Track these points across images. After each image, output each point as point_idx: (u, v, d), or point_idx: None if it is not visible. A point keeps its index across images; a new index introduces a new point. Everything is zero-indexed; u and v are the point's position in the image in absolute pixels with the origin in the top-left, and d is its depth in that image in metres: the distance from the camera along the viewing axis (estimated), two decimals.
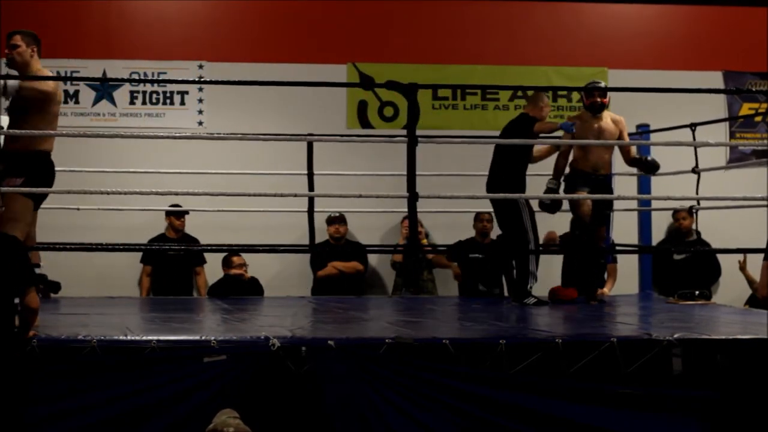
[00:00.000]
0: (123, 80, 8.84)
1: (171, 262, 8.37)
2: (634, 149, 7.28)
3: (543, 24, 9.44)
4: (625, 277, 8.38)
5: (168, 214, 8.35)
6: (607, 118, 7.14)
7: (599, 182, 7.08)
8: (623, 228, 7.85)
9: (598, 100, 7.05)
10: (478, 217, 8.30)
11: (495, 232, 8.28)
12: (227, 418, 4.12)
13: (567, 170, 7.22)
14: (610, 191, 7.26)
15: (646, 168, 7.20)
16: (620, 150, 7.28)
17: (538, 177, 7.33)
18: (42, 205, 5.44)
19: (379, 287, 9.04)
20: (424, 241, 8.36)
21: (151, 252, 8.48)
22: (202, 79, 9.05)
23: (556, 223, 8.12)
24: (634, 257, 8.19)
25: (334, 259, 8.28)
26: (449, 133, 8.93)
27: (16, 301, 4.49)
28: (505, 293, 8.08)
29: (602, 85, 7.29)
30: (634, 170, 8.03)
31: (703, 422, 4.82)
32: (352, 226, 8.61)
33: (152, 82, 8.88)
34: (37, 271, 5.26)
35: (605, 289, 8.21)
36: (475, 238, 8.35)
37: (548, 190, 7.12)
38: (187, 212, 8.36)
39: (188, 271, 8.54)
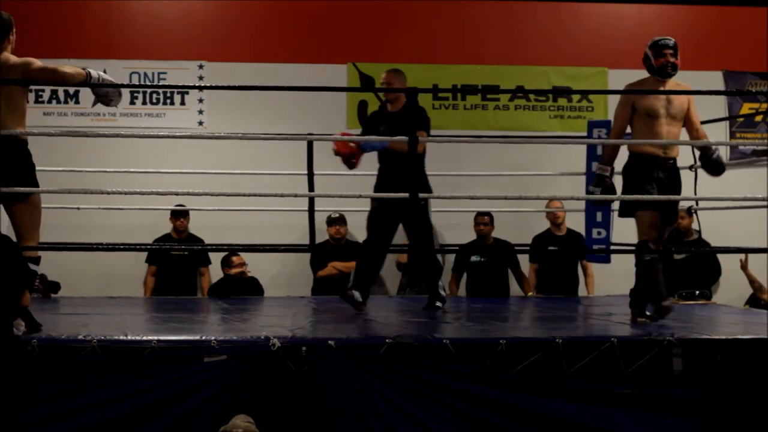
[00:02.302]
0: (123, 86, 8.81)
1: (175, 262, 8.38)
2: (702, 130, 5.96)
3: (543, 24, 9.44)
4: (626, 277, 8.37)
5: (170, 214, 8.37)
6: (675, 87, 5.83)
7: (671, 170, 5.77)
8: (623, 228, 7.83)
9: (671, 60, 5.74)
10: (475, 219, 8.27)
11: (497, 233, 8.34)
12: (239, 420, 4.13)
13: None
14: (679, 181, 5.90)
15: (710, 166, 5.86)
16: (687, 129, 5.94)
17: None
18: (43, 205, 5.42)
19: (380, 287, 9.04)
20: None
21: (156, 252, 8.48)
22: (202, 79, 9.04)
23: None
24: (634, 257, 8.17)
25: (334, 259, 8.28)
26: (449, 133, 8.93)
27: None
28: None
29: (672, 42, 5.80)
30: None
31: (703, 422, 4.83)
32: (352, 226, 8.60)
33: (150, 87, 8.90)
34: (35, 269, 5.22)
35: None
36: (476, 240, 8.34)
37: (597, 178, 5.85)
38: (186, 213, 8.36)
39: (192, 272, 8.55)
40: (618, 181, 5.98)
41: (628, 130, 5.94)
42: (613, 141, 5.94)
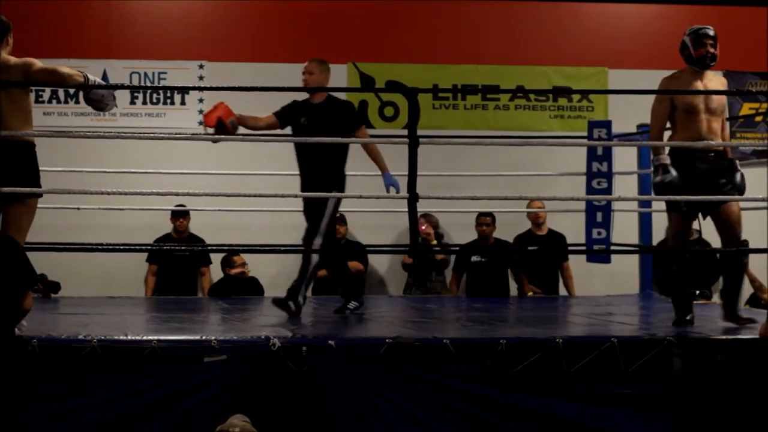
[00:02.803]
0: (120, 87, 8.83)
1: (176, 262, 8.38)
2: (728, 131, 5.75)
3: (543, 24, 9.44)
4: (625, 277, 8.39)
5: (171, 214, 8.38)
6: (712, 78, 5.59)
7: (711, 164, 5.50)
8: (623, 228, 7.85)
9: (711, 50, 5.50)
10: (477, 219, 8.27)
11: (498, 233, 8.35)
12: (235, 420, 4.13)
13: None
14: (725, 175, 5.59)
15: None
16: None
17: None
18: (43, 205, 5.41)
19: (381, 287, 9.04)
20: (433, 242, 8.34)
21: (156, 252, 8.48)
22: (202, 79, 9.04)
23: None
24: (634, 257, 8.19)
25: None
26: (449, 133, 8.93)
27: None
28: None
29: (713, 32, 5.57)
30: (633, 168, 8.03)
31: (703, 422, 4.83)
32: (353, 226, 8.61)
33: (149, 88, 8.90)
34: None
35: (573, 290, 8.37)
36: (477, 240, 8.33)
37: (660, 169, 5.43)
38: (186, 213, 8.37)
39: (193, 272, 8.55)
40: None
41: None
42: (612, 142, 5.94)
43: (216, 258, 8.45)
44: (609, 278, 8.61)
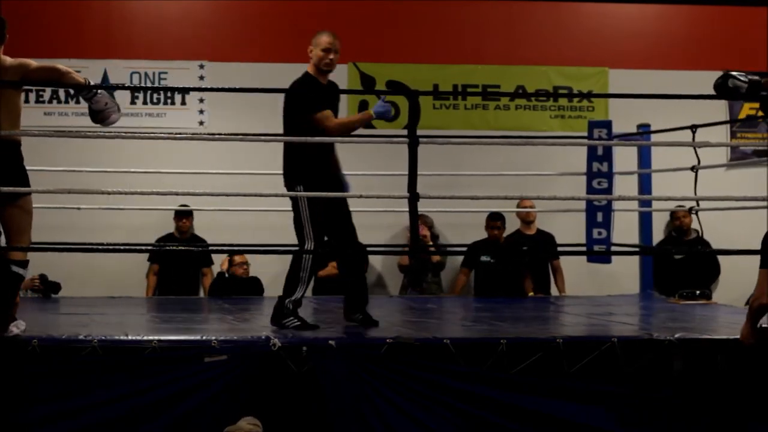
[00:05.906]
0: (122, 87, 8.83)
1: (178, 261, 8.38)
2: None
3: (543, 24, 9.43)
4: (626, 277, 8.39)
5: (174, 214, 8.39)
6: None
7: None
8: (623, 228, 7.85)
9: None
10: (487, 222, 8.25)
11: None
12: (244, 423, 4.14)
13: None
14: None
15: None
16: None
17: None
18: (43, 205, 5.41)
19: (380, 287, 9.04)
20: (429, 243, 8.34)
21: (158, 251, 8.48)
22: (203, 79, 9.04)
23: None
24: (635, 257, 8.19)
25: (334, 259, 8.27)
26: (449, 133, 8.93)
27: None
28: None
29: None
30: (634, 168, 8.04)
31: (703, 422, 4.84)
32: None
33: (149, 89, 8.90)
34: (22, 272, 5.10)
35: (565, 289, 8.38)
36: (488, 239, 8.31)
37: None
38: (189, 213, 8.38)
39: (195, 272, 8.55)
40: None
41: None
42: (612, 142, 5.93)
43: (218, 258, 8.46)
44: (609, 278, 8.61)
